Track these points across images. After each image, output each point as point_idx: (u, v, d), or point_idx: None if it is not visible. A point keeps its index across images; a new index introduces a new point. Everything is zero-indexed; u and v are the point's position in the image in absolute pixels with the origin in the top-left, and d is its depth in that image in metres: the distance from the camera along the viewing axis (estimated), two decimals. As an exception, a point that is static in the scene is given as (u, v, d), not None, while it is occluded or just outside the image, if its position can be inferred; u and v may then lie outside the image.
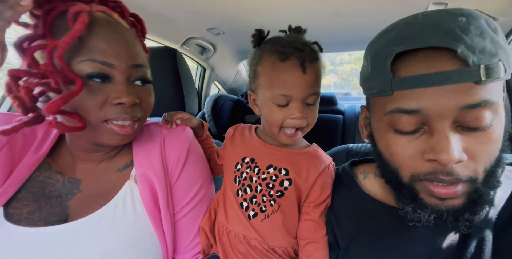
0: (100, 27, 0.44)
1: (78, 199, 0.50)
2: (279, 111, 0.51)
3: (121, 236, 0.48)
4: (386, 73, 0.36)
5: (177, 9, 1.11)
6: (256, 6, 1.09)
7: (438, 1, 1.01)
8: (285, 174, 0.55)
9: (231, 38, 1.50)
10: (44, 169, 0.52)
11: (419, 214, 0.39)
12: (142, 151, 0.56)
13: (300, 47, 0.49)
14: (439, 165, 0.35)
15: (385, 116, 0.38)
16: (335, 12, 1.14)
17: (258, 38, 0.56)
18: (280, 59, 0.49)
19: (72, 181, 0.52)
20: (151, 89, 0.53)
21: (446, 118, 0.34)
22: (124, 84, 0.46)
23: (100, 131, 0.47)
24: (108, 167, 0.55)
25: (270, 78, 0.51)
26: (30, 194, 0.48)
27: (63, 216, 0.48)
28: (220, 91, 2.12)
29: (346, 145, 0.78)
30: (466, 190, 0.36)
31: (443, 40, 0.32)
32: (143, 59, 0.50)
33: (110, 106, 0.45)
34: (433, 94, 0.33)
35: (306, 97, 0.51)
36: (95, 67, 0.43)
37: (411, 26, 0.36)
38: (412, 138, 0.37)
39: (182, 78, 0.92)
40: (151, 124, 0.62)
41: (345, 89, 7.25)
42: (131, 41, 0.48)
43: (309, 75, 0.49)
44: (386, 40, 0.37)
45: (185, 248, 0.57)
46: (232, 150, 0.62)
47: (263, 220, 0.55)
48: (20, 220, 0.46)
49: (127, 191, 0.51)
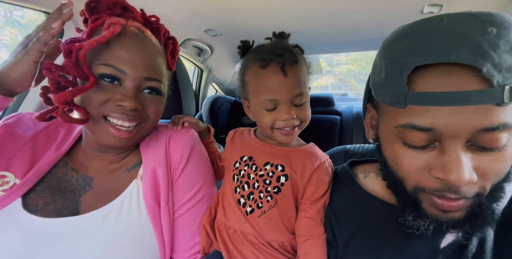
0: (126, 38, 0.50)
1: (90, 195, 0.54)
2: (269, 115, 0.54)
3: (125, 232, 0.51)
4: (401, 85, 0.34)
5: (174, 11, 1.11)
6: (253, 8, 1.09)
7: (434, 2, 1.02)
8: (281, 170, 0.56)
9: (228, 40, 1.50)
10: (62, 166, 0.56)
11: (418, 223, 0.38)
12: (149, 150, 0.59)
13: (280, 52, 0.51)
14: (447, 184, 0.33)
15: (395, 128, 0.36)
16: (331, 14, 1.15)
17: (243, 49, 0.59)
18: (261, 66, 0.51)
19: (86, 178, 0.56)
20: (159, 100, 0.56)
21: (460, 138, 0.32)
22: (131, 90, 0.50)
23: (99, 128, 0.51)
24: (118, 167, 0.59)
25: (255, 85, 0.54)
26: (47, 187, 0.52)
27: (74, 210, 0.52)
28: (217, 92, 2.12)
29: (344, 146, 0.78)
30: (470, 204, 0.35)
31: (468, 57, 0.29)
32: (159, 74, 0.54)
33: (111, 104, 0.49)
34: (450, 114, 0.31)
35: (292, 99, 0.52)
36: (109, 70, 0.48)
37: (434, 34, 0.32)
38: (422, 152, 0.36)
39: (179, 80, 0.92)
40: (159, 126, 0.66)
41: (342, 90, 7.28)
42: (152, 55, 0.53)
43: (291, 78, 0.51)
44: (404, 48, 0.34)
45: (183, 247, 0.58)
46: (232, 150, 0.65)
47: (260, 215, 0.56)
48: (37, 210, 0.49)
49: (134, 189, 0.55)
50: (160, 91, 0.55)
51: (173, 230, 0.57)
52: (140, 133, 0.55)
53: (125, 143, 0.53)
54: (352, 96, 3.88)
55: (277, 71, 0.51)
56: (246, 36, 0.61)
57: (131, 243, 0.51)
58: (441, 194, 0.35)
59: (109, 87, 0.49)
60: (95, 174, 0.56)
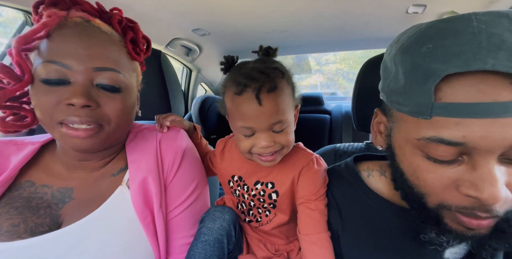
0: (67, 29, 0.46)
1: (71, 207, 0.50)
2: (247, 140, 0.51)
3: (114, 239, 0.48)
4: (427, 95, 0.30)
5: (161, 10, 1.09)
6: (242, 7, 1.08)
7: (418, 2, 1.04)
8: (271, 187, 0.56)
9: (217, 39, 1.49)
10: (27, 186, 0.52)
11: (441, 239, 0.35)
12: (136, 154, 0.56)
13: (257, 77, 0.46)
14: (479, 202, 0.30)
15: (417, 141, 0.33)
16: (319, 14, 1.16)
17: (226, 65, 0.54)
18: (236, 93, 0.48)
19: (62, 190, 0.52)
20: (120, 95, 0.50)
21: (493, 153, 0.29)
22: (81, 86, 0.45)
23: (58, 134, 0.47)
24: (102, 174, 0.55)
25: (231, 110, 0.51)
26: (12, 208, 0.48)
27: (54, 225, 0.48)
28: (207, 92, 2.10)
29: (334, 145, 0.79)
30: (497, 219, 0.33)
31: (507, 64, 0.26)
32: (114, 63, 0.49)
33: (62, 106, 0.45)
34: (484, 126, 0.28)
35: (269, 127, 0.49)
36: (51, 70, 0.44)
37: (464, 38, 0.28)
38: (448, 166, 0.32)
39: (167, 80, 0.90)
40: (145, 129, 0.63)
41: (331, 89, 7.36)
42: (101, 44, 0.48)
43: (267, 107, 0.47)
44: (428, 52, 0.30)
45: (179, 248, 0.57)
46: (222, 165, 0.64)
47: (257, 227, 0.60)
48: (1, 234, 0.44)
49: (119, 196, 0.52)
50: (119, 83, 0.49)
51: (168, 231, 0.56)
52: (105, 134, 0.49)
53: (91, 144, 0.48)
54: (341, 95, 3.93)
55: (251, 99, 0.46)
56: (235, 36, 0.60)
57: (121, 250, 0.48)
58: (471, 213, 0.32)
59: (57, 88, 0.45)
60: (75, 184, 0.53)
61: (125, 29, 0.55)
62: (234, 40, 1.50)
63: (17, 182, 0.52)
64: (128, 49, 0.53)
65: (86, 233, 0.47)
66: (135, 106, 0.56)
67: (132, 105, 0.54)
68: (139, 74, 0.59)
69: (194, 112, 1.70)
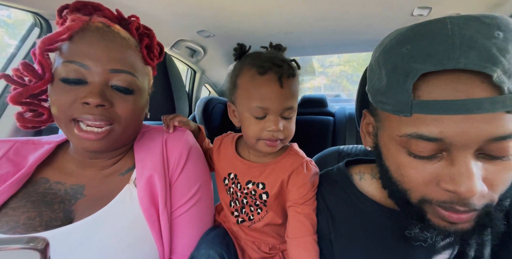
0: (89, 33, 0.49)
1: (83, 203, 0.52)
2: (257, 123, 0.53)
3: (120, 236, 0.50)
4: (406, 93, 0.32)
5: (166, 11, 1.11)
6: (246, 9, 1.09)
7: (423, 5, 1.04)
8: (262, 188, 0.58)
9: (222, 41, 1.50)
10: (43, 182, 0.54)
11: (425, 235, 0.37)
12: (143, 153, 0.58)
13: (279, 63, 0.51)
14: (457, 196, 0.32)
15: (400, 138, 0.35)
16: (323, 16, 1.16)
17: (240, 52, 0.58)
18: (259, 73, 0.51)
19: (75, 187, 0.54)
20: (132, 97, 0.53)
21: (470, 148, 0.31)
22: (97, 86, 0.48)
23: (69, 132, 0.49)
24: (111, 172, 0.57)
25: (248, 90, 0.53)
26: (29, 202, 0.50)
27: (66, 220, 0.50)
28: (211, 94, 2.11)
29: (337, 147, 0.79)
30: (478, 214, 0.34)
31: (478, 63, 0.28)
32: (130, 67, 0.52)
33: (77, 105, 0.47)
34: (459, 122, 0.30)
35: (282, 110, 0.52)
36: (71, 69, 0.47)
37: (439, 39, 0.30)
38: (428, 162, 0.34)
39: (172, 81, 0.91)
40: (152, 129, 0.65)
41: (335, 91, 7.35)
42: (120, 48, 0.51)
43: (286, 90, 0.51)
44: (407, 53, 0.32)
45: (183, 247, 0.57)
46: (219, 163, 0.66)
47: (250, 226, 0.60)
48: (18, 226, 0.46)
49: (126, 194, 0.54)
50: (132, 86, 0.52)
51: (173, 230, 0.57)
52: (115, 135, 0.51)
53: (101, 146, 0.50)
54: (345, 97, 3.91)
55: (274, 81, 0.51)
56: (239, 37, 0.61)
57: (127, 246, 0.50)
58: (449, 206, 0.33)
59: (75, 87, 0.48)
60: (87, 181, 0.55)
61: (142, 36, 0.59)
62: (238, 42, 1.51)
63: (33, 179, 0.54)
64: (143, 54, 0.57)
65: (95, 228, 0.49)
66: (145, 108, 0.59)
67: (143, 107, 0.57)
68: (151, 78, 0.62)
69: (198, 114, 1.71)
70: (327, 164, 0.61)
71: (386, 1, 1.01)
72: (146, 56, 0.57)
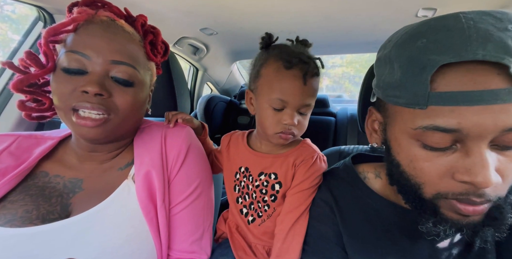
0: (93, 25, 0.50)
1: (81, 197, 0.52)
2: (273, 114, 0.54)
3: (117, 231, 0.50)
4: (422, 86, 0.32)
5: (169, 9, 1.11)
6: (250, 8, 1.09)
7: (428, 6, 1.03)
8: (274, 178, 0.58)
9: (225, 39, 1.50)
10: (42, 176, 0.54)
11: (438, 229, 0.37)
12: (143, 149, 0.58)
13: (306, 59, 0.52)
14: (473, 187, 0.32)
15: (414, 131, 0.35)
16: (327, 16, 1.16)
17: (267, 41, 0.58)
18: (285, 67, 0.52)
19: (74, 181, 0.54)
20: (131, 90, 0.52)
21: (485, 138, 0.31)
22: (97, 76, 0.48)
23: (68, 121, 0.50)
24: (110, 166, 0.57)
25: (271, 81, 0.54)
26: (28, 196, 0.51)
27: (64, 213, 0.50)
28: (212, 92, 2.11)
29: (338, 147, 0.79)
30: (489, 207, 0.35)
31: (495, 55, 0.28)
32: (131, 59, 0.52)
33: (77, 93, 0.48)
34: (476, 113, 0.30)
35: (300, 106, 0.54)
36: (72, 59, 0.48)
37: (455, 32, 0.31)
38: (443, 155, 0.34)
39: (175, 78, 0.91)
40: (153, 125, 0.64)
41: (337, 92, 7.33)
42: (122, 40, 0.52)
43: (308, 87, 0.52)
44: (423, 46, 0.33)
45: (182, 244, 0.57)
46: (229, 159, 0.66)
47: (260, 224, 0.60)
48: (15, 219, 0.47)
49: (124, 189, 0.53)
50: (132, 78, 0.52)
51: (171, 227, 0.57)
52: (112, 125, 0.51)
53: (97, 134, 0.50)
54: (346, 98, 3.90)
55: (298, 77, 0.51)
56: (242, 35, 0.61)
57: (124, 242, 0.50)
58: (466, 198, 0.34)
59: (75, 77, 0.48)
60: (85, 175, 0.55)
61: (146, 32, 0.59)
62: (241, 40, 1.51)
63: (34, 173, 0.54)
64: (146, 49, 0.57)
65: (92, 223, 0.49)
66: (145, 103, 0.58)
67: (142, 101, 0.56)
68: (154, 75, 0.62)
69: (200, 111, 1.71)
70: (328, 164, 0.61)
71: (390, 1, 1.00)
72: (149, 51, 0.57)
